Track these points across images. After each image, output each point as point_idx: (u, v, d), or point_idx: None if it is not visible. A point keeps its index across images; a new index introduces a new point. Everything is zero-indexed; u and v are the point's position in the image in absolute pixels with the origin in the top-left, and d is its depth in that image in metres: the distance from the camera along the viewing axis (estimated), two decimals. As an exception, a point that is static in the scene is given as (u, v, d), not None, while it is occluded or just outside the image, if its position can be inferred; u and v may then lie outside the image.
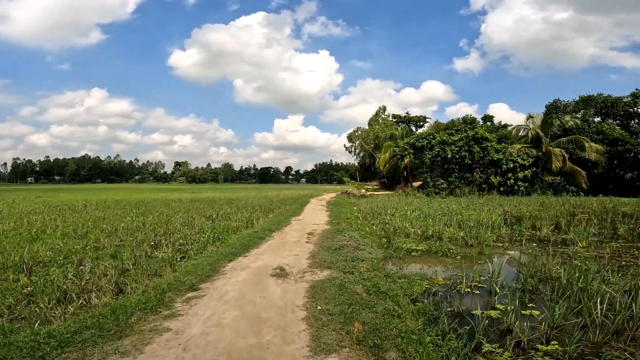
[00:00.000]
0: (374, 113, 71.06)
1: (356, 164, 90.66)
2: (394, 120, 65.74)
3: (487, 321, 4.54)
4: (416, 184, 42.04)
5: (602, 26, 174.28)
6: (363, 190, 34.11)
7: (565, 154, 31.83)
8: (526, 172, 31.74)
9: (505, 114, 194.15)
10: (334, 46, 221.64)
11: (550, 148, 32.42)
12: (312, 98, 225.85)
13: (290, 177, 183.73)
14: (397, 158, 39.19)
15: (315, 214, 15.74)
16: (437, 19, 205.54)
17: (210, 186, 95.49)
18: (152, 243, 8.86)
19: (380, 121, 67.77)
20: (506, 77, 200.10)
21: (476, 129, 32.90)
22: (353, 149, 68.43)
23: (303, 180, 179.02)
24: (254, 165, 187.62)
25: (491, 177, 31.34)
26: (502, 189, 31.63)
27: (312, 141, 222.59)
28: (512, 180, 31.40)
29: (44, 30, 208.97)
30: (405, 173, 46.66)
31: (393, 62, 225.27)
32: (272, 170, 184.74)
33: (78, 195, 37.02)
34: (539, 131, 32.97)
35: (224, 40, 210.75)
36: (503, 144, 32.48)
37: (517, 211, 17.68)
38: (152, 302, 4.59)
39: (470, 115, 40.04)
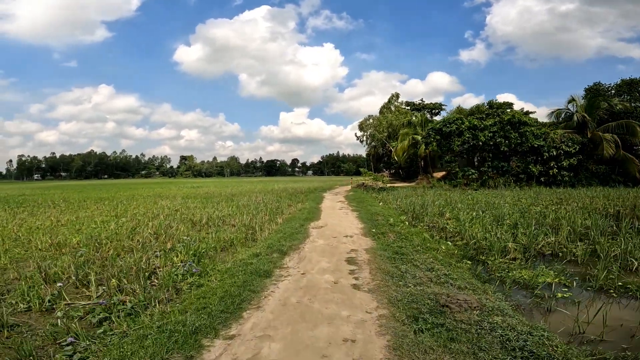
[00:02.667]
0: (386, 100, 66.86)
1: (364, 155, 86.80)
2: (407, 107, 61.48)
3: None
4: (437, 174, 38.04)
5: (608, 17, 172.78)
6: (380, 183, 30.21)
7: (618, 140, 27.53)
8: (571, 160, 27.55)
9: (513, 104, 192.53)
10: (338, 39, 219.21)
11: (600, 133, 28.11)
12: (317, 91, 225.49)
13: (297, 169, 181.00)
14: (418, 146, 35.22)
15: (339, 215, 12.04)
16: (440, 11, 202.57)
17: (215, 180, 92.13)
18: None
19: (393, 109, 63.58)
20: (512, 68, 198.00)
21: (512, 113, 28.63)
22: (365, 138, 64.25)
23: (310, 172, 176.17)
24: (260, 158, 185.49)
25: (530, 166, 27.19)
26: (542, 179, 27.53)
27: (317, 133, 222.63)
28: (555, 170, 27.25)
29: (50, 28, 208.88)
30: (423, 163, 42.64)
31: (398, 54, 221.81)
32: (279, 162, 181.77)
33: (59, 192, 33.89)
34: (585, 115, 28.62)
35: (228, 35, 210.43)
36: (544, 129, 28.22)
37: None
38: None
39: (495, 100, 35.68)
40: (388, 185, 29.18)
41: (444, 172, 36.83)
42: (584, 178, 28.08)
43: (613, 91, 41.64)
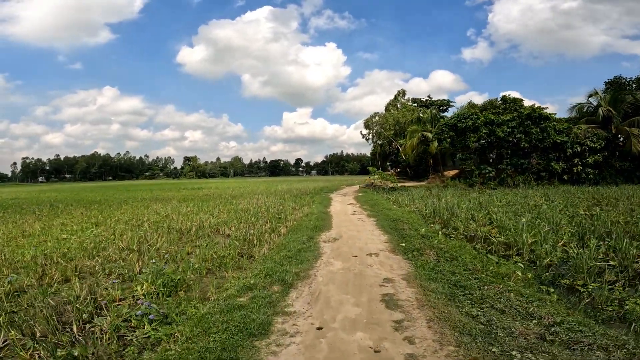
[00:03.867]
0: (392, 97, 65.03)
1: (368, 154, 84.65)
2: (414, 104, 59.53)
3: None
4: (448, 173, 36.17)
5: (611, 14, 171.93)
6: (389, 182, 28.41)
7: (647, 134, 25.50)
8: (596, 156, 25.58)
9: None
10: (341, 39, 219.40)
11: (626, 128, 26.09)
12: (319, 90, 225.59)
13: (301, 169, 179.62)
14: (428, 143, 33.38)
15: (353, 222, 10.27)
16: (442, 9, 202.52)
17: (218, 181, 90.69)
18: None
19: (400, 106, 61.72)
20: (516, 66, 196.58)
21: (532, 107, 26.69)
22: (370, 137, 62.37)
23: (313, 172, 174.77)
24: (264, 158, 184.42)
25: (552, 163, 25.26)
26: (565, 177, 25.59)
27: (321, 133, 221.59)
28: (579, 167, 25.29)
29: (54, 30, 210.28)
30: (432, 161, 40.74)
31: (400, 53, 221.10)
32: (282, 162, 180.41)
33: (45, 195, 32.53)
34: (611, 109, 26.60)
35: (230, 36, 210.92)
36: (566, 124, 26.25)
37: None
38: None
39: (509, 94, 33.67)
40: (398, 184, 27.41)
41: (456, 171, 34.96)
42: (608, 176, 26.12)
43: (634, 85, 39.59)
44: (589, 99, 30.86)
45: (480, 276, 4.99)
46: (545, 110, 27.98)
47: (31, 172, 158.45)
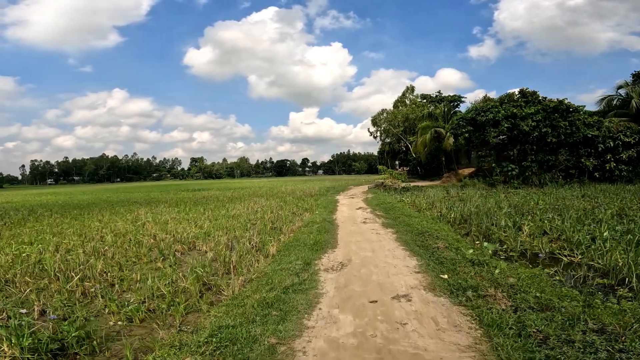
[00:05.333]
0: (400, 94, 62.74)
1: (375, 153, 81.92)
2: (423, 100, 57.05)
3: None
4: (463, 171, 33.79)
5: (619, 11, 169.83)
6: (401, 182, 26.18)
7: (688, 126, 22.91)
8: (630, 152, 23.05)
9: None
10: (346, 38, 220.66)
11: (664, 119, 23.54)
12: (325, 90, 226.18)
13: (307, 169, 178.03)
14: (441, 139, 31.10)
15: (366, 235, 8.06)
16: (447, 8, 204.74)
17: (222, 182, 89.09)
18: None
19: (408, 102, 59.39)
20: (523, 63, 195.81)
21: (558, 100, 24.22)
22: (378, 134, 60.12)
23: (320, 172, 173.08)
24: (270, 158, 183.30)
25: (583, 159, 22.79)
26: (596, 174, 23.10)
27: (327, 133, 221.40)
28: (612, 164, 22.78)
29: (64, 33, 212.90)
30: (445, 158, 38.36)
31: (406, 52, 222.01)
32: (289, 162, 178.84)
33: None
34: (646, 101, 24.08)
35: (236, 37, 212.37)
36: (595, 117, 23.74)
37: None
38: None
39: (527, 88, 31.10)
40: (412, 184, 25.20)
41: (472, 169, 32.61)
42: (643, 172, 23.61)
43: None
44: (618, 90, 28.38)
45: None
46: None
47: (40, 174, 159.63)
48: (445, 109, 37.73)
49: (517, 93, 32.06)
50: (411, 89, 62.40)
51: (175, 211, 14.04)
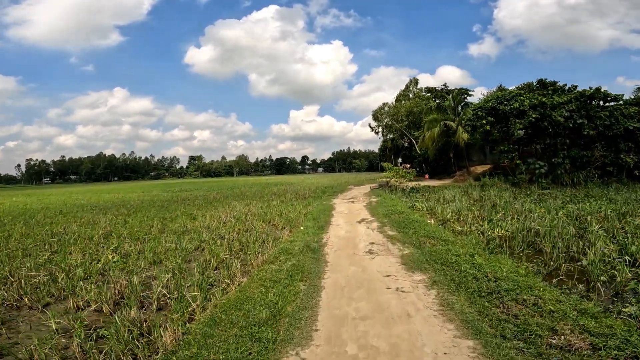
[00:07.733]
0: (404, 87, 59.33)
1: (376, 150, 78.65)
2: (428, 94, 53.68)
3: None
4: (476, 168, 30.53)
5: (619, 9, 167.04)
6: (408, 181, 22.90)
7: None
8: (675, 145, 19.80)
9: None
10: (347, 36, 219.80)
11: None
12: (326, 88, 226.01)
13: (307, 166, 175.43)
14: (451, 134, 27.87)
15: (376, 298, 4.48)
16: (447, 6, 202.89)
17: (218, 180, 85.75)
18: None
19: (412, 96, 56.03)
20: (524, 61, 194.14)
21: (595, 87, 20.86)
22: (380, 129, 56.77)
23: (320, 169, 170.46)
24: (270, 156, 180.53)
25: (622, 155, 19.51)
26: (636, 172, 19.85)
27: (328, 130, 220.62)
28: (656, 159, 19.53)
29: (66, 33, 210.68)
30: (453, 155, 35.10)
31: (407, 50, 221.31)
32: (288, 160, 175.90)
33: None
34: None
35: (237, 36, 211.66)
36: (635, 108, 20.41)
37: None
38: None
39: (546, 78, 27.79)
40: (422, 185, 21.94)
41: (486, 166, 29.32)
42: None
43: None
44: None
45: None
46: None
47: (35, 173, 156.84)
48: (455, 101, 34.43)
49: (535, 83, 28.76)
50: (415, 82, 58.97)
51: (140, 217, 10.77)
